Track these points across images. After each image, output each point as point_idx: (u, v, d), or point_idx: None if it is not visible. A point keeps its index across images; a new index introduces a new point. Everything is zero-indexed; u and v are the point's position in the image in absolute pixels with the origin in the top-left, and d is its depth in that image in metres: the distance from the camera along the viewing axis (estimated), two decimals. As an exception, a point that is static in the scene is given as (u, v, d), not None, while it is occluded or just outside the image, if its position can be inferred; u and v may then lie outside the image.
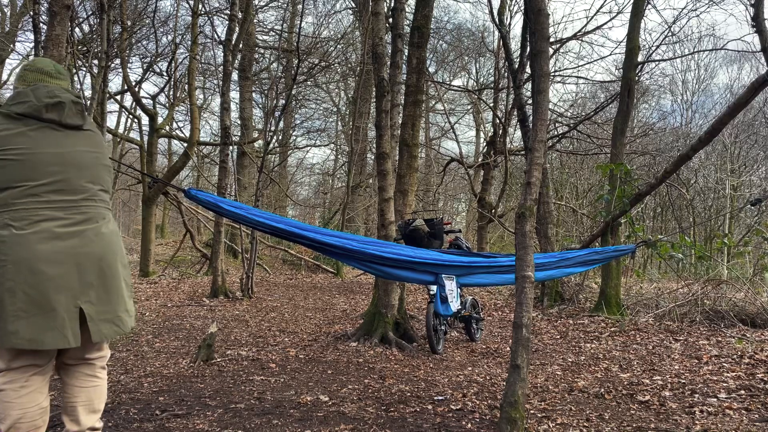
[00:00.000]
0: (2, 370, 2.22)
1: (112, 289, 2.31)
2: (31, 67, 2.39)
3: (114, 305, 2.32)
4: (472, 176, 14.18)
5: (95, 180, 2.34)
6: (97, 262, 2.27)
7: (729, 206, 16.00)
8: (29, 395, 2.24)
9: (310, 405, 3.61)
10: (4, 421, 2.20)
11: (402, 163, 6.58)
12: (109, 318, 2.30)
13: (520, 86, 9.08)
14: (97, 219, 2.32)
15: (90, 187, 2.32)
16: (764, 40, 4.87)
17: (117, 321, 2.33)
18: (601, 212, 7.54)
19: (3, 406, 2.20)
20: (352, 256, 3.80)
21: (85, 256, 2.25)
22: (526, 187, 3.24)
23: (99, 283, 2.27)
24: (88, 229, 2.28)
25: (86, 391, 2.41)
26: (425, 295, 9.48)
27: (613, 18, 13.23)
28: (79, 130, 2.34)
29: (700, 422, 3.24)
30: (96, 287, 2.26)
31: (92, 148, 2.36)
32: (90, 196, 2.31)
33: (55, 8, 3.50)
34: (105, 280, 2.29)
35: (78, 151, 2.31)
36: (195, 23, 12.85)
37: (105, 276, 2.29)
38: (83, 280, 2.23)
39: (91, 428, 2.44)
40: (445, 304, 4.74)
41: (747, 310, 6.58)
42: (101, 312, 2.27)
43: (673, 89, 21.49)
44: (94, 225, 2.30)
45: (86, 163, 2.32)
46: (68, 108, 2.30)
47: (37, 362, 2.26)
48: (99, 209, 2.34)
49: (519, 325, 3.00)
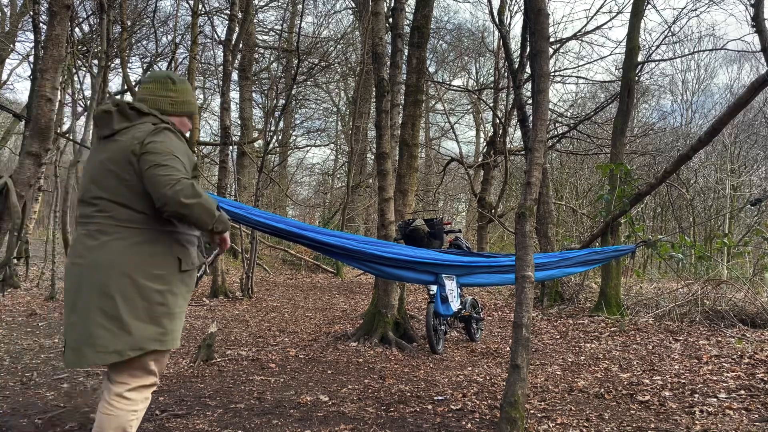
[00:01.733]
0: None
1: (83, 314, 2.12)
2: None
3: (78, 333, 2.12)
4: (472, 176, 14.18)
5: (104, 192, 2.17)
6: (76, 282, 2.16)
7: (729, 206, 16.00)
8: None
9: (310, 405, 3.61)
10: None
11: (402, 163, 6.57)
12: (72, 345, 2.13)
13: (520, 86, 9.08)
14: (95, 235, 2.16)
15: (97, 201, 2.18)
16: (764, 40, 4.87)
17: (78, 351, 2.11)
18: (601, 212, 7.54)
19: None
20: (352, 256, 3.80)
21: (71, 274, 2.20)
22: (526, 187, 3.24)
23: (77, 306, 2.15)
24: (80, 245, 2.19)
25: (99, 416, 2.21)
26: (425, 295, 9.48)
27: (613, 18, 13.25)
28: (110, 138, 2.22)
29: (700, 422, 3.24)
30: (75, 309, 2.15)
31: (111, 155, 2.19)
32: (98, 210, 2.18)
33: (55, 8, 3.49)
34: (79, 303, 2.14)
35: (99, 161, 2.21)
36: (195, 23, 12.85)
37: (80, 299, 2.14)
38: (67, 300, 2.19)
39: None
40: (445, 304, 4.73)
41: (747, 310, 6.57)
42: (70, 336, 2.15)
43: (673, 89, 21.50)
44: (88, 241, 2.18)
45: (99, 175, 2.20)
46: (100, 118, 2.24)
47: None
48: (101, 224, 2.17)
49: (519, 325, 3.00)
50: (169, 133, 2.20)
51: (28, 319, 6.84)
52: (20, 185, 3.37)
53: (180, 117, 2.39)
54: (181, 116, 2.39)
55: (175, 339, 2.26)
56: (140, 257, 2.16)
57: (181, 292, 2.27)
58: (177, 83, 2.39)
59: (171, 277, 2.21)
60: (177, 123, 2.35)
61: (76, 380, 4.11)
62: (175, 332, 2.26)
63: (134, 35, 15.43)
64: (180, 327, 2.30)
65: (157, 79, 2.38)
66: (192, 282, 2.36)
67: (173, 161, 2.10)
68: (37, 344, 5.40)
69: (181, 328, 2.31)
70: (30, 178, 3.42)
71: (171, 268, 2.22)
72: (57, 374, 4.27)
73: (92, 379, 4.17)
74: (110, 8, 9.48)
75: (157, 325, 2.17)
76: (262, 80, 17.73)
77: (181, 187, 2.05)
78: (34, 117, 3.42)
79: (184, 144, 2.25)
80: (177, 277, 2.24)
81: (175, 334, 2.26)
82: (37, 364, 4.59)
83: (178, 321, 2.28)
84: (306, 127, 21.99)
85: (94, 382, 4.05)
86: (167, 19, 16.61)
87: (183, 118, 2.40)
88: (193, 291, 2.46)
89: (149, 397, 2.27)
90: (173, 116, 2.35)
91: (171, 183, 2.05)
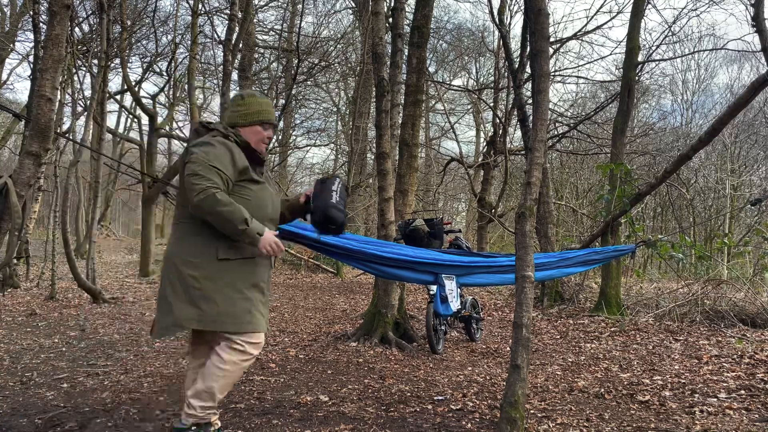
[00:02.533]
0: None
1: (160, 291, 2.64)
2: None
3: (159, 306, 2.61)
4: (472, 176, 14.17)
5: (178, 195, 2.66)
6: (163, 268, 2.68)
7: (729, 206, 16.00)
8: None
9: (310, 405, 3.61)
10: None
11: (402, 163, 6.57)
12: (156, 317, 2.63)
13: (520, 86, 9.08)
14: (173, 232, 2.66)
15: (179, 204, 2.66)
16: (764, 40, 4.86)
17: (155, 325, 2.64)
18: (601, 212, 7.54)
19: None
20: (352, 256, 3.80)
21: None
22: (526, 187, 3.24)
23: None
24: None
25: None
26: (425, 295, 9.48)
27: (613, 18, 13.24)
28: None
29: (700, 422, 3.24)
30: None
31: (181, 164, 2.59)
32: (178, 213, 2.67)
33: (55, 8, 3.49)
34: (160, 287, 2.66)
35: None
36: (195, 23, 12.84)
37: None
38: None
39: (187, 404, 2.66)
40: (445, 303, 4.73)
41: (747, 310, 6.57)
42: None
43: (673, 89, 21.50)
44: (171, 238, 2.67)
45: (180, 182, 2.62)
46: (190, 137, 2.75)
47: None
48: (176, 223, 2.65)
49: (519, 325, 2.99)
50: (216, 144, 2.53)
51: (28, 319, 6.84)
52: (20, 185, 3.37)
53: (251, 126, 2.72)
54: (252, 125, 2.72)
55: (218, 322, 2.52)
56: (183, 247, 2.56)
57: (226, 279, 2.53)
58: (245, 98, 2.77)
59: (207, 265, 2.52)
60: (248, 132, 2.71)
61: (76, 380, 4.11)
62: (217, 315, 2.51)
63: (134, 35, 15.44)
64: (232, 312, 2.54)
65: (233, 98, 2.79)
66: (246, 271, 2.60)
67: (207, 171, 2.43)
68: (37, 344, 5.40)
69: (237, 313, 2.55)
70: (30, 177, 3.42)
71: (208, 256, 2.52)
72: (57, 374, 4.27)
73: (92, 379, 4.17)
74: (110, 8, 9.48)
75: (195, 307, 2.50)
76: (262, 80, 17.71)
77: (205, 197, 2.38)
78: (34, 117, 3.42)
79: (229, 154, 2.54)
80: (215, 265, 2.52)
81: (222, 317, 2.52)
82: (37, 364, 4.59)
83: (223, 305, 2.52)
84: (306, 127, 21.98)
85: (94, 383, 4.06)
86: (167, 18, 16.63)
87: (254, 126, 2.73)
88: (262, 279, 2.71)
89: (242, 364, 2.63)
90: (245, 127, 2.71)
91: (197, 191, 2.39)
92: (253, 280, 2.62)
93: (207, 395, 2.62)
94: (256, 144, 2.71)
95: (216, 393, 2.61)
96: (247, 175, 2.60)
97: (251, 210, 2.54)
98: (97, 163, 11.48)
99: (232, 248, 2.55)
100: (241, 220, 2.42)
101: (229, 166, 2.51)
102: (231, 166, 2.52)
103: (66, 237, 8.60)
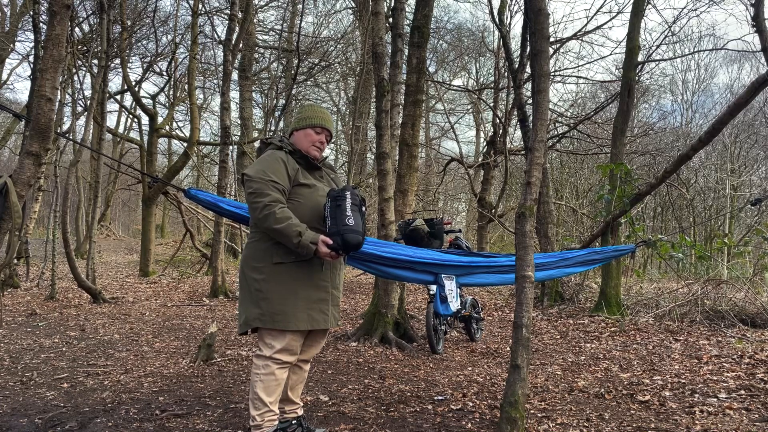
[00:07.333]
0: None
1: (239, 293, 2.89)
2: None
3: (239, 305, 2.86)
4: (472, 176, 14.17)
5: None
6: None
7: (729, 206, 16.01)
8: None
9: (310, 405, 3.61)
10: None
11: (402, 163, 6.57)
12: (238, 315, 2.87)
13: (520, 86, 9.09)
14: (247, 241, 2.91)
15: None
16: (764, 40, 4.86)
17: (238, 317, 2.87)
18: (601, 212, 7.53)
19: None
20: (352, 256, 3.80)
21: None
22: (526, 187, 3.24)
23: None
24: None
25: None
26: (425, 295, 9.48)
27: (613, 18, 13.23)
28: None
29: (700, 422, 3.24)
30: None
31: None
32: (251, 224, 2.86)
33: (55, 8, 3.49)
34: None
35: None
36: (195, 23, 12.85)
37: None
38: None
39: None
40: (445, 303, 4.72)
41: (747, 310, 6.57)
42: None
43: (673, 89, 21.52)
44: None
45: None
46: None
47: None
48: (249, 233, 2.89)
49: (519, 325, 2.99)
50: (269, 159, 2.75)
51: (28, 319, 6.84)
52: (20, 185, 3.37)
53: (303, 130, 2.91)
54: (304, 129, 2.91)
55: (277, 321, 2.69)
56: (249, 254, 2.81)
57: (283, 281, 2.72)
58: (303, 106, 3.09)
59: (267, 269, 2.73)
60: (302, 134, 2.90)
61: (76, 380, 4.12)
62: (276, 315, 2.69)
63: (134, 35, 15.44)
64: (291, 311, 2.71)
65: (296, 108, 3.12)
66: (301, 272, 2.75)
67: (261, 186, 2.65)
68: (37, 344, 5.40)
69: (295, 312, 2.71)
70: (30, 177, 3.41)
71: (267, 261, 2.73)
72: (57, 374, 4.27)
73: (92, 378, 4.17)
74: (110, 8, 9.48)
75: (257, 307, 2.72)
76: (262, 80, 17.73)
77: (262, 216, 2.61)
78: (34, 117, 3.42)
79: (283, 164, 2.75)
80: (272, 268, 2.72)
81: (279, 317, 2.70)
82: (37, 364, 4.59)
83: (283, 305, 2.70)
84: (306, 126, 21.95)
85: (94, 382, 4.05)
86: (167, 18, 16.64)
87: (306, 130, 2.91)
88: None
89: (271, 367, 2.74)
90: (298, 131, 2.92)
91: (256, 209, 2.63)
92: (309, 280, 2.78)
93: (257, 401, 2.75)
94: (309, 148, 2.88)
95: (263, 397, 2.73)
96: (298, 180, 2.79)
97: (305, 211, 2.75)
98: (97, 163, 11.47)
99: (286, 253, 2.73)
100: (295, 234, 2.60)
101: (284, 176, 2.73)
102: (285, 175, 2.75)
103: (66, 237, 8.60)
